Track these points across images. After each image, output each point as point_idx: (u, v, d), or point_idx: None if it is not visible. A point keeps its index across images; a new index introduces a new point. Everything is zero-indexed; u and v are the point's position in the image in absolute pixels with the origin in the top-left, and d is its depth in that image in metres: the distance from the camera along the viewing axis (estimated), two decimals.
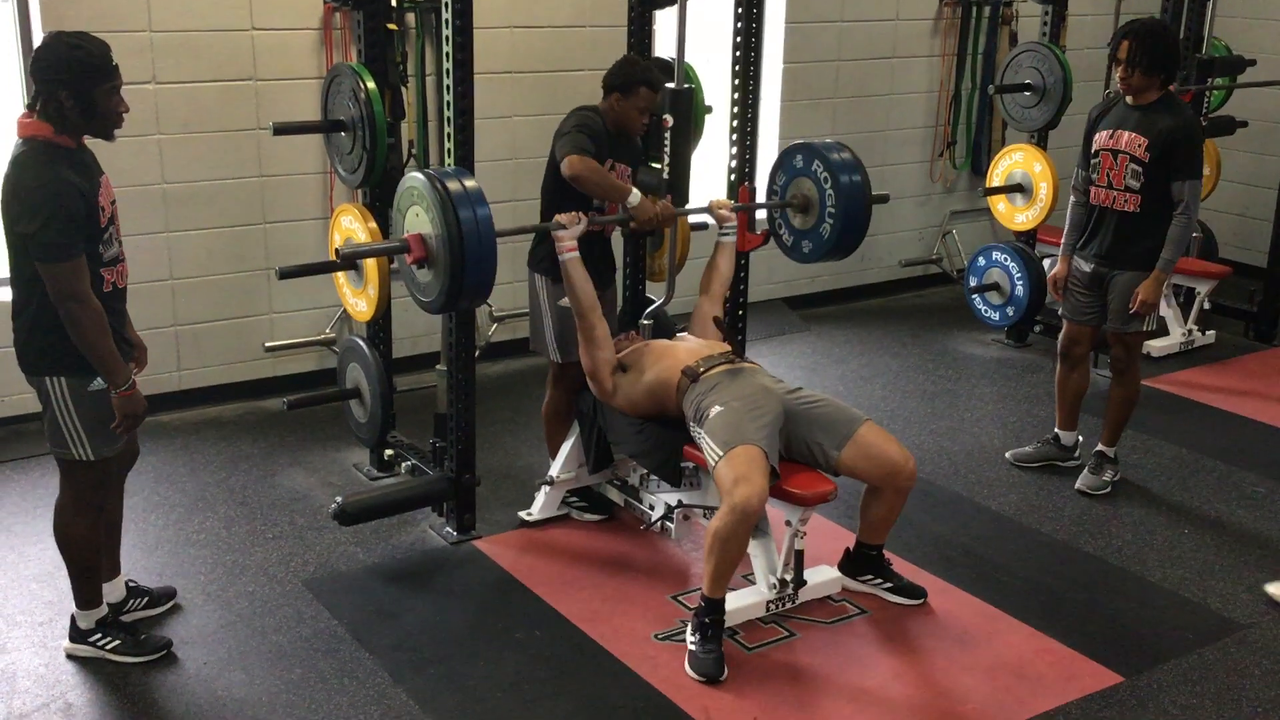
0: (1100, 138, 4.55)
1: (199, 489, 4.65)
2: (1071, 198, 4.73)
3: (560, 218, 3.94)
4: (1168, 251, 4.43)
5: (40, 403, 3.37)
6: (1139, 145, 4.41)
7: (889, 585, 3.96)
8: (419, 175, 3.60)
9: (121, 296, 3.41)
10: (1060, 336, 4.88)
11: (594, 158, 4.01)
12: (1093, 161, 4.58)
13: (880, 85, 7.02)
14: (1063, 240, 4.78)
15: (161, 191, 5.09)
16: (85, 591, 3.52)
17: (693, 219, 4.98)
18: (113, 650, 3.52)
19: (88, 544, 3.46)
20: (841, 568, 4.00)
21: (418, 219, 3.60)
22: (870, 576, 3.97)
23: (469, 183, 3.57)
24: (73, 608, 3.56)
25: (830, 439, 3.75)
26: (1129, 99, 4.48)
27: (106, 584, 3.63)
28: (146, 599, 3.78)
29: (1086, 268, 4.64)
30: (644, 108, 4.15)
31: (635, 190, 4.03)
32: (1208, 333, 6.48)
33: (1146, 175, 4.42)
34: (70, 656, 3.54)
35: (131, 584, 3.78)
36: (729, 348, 4.06)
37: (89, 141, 3.30)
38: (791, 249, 4.60)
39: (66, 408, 3.30)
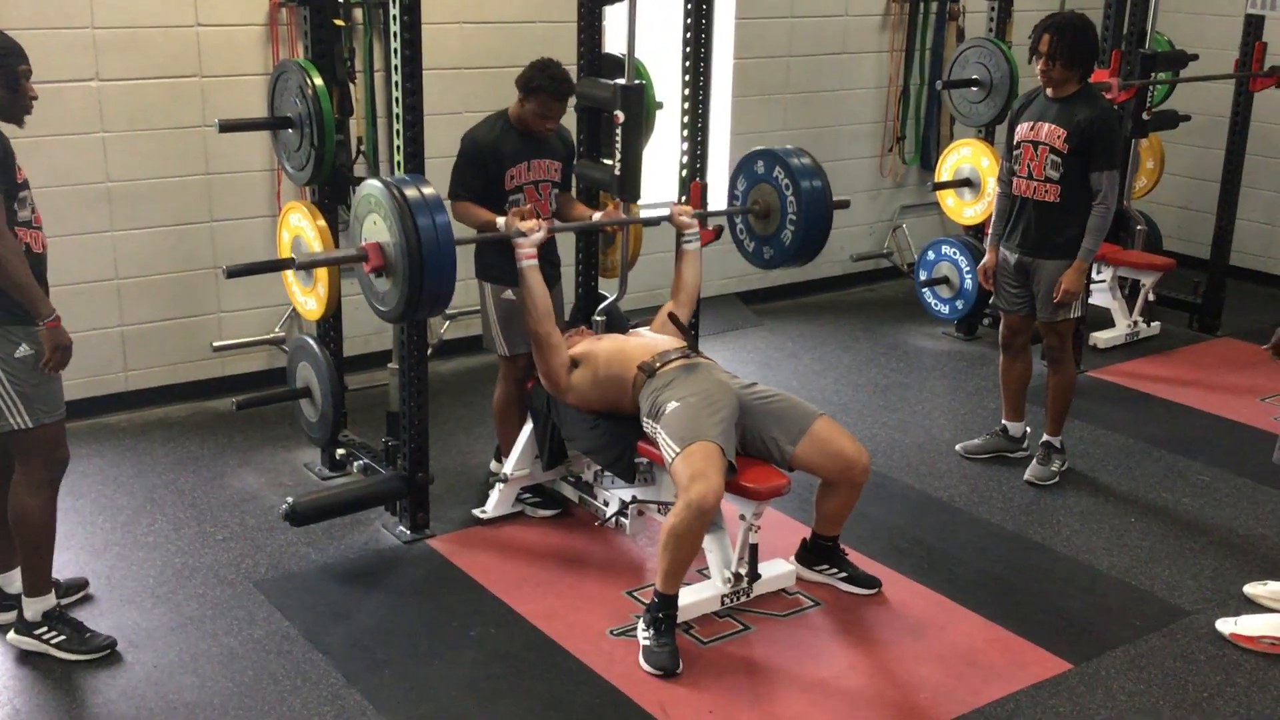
0: (1021, 129, 4.62)
1: (147, 491, 4.59)
2: (997, 189, 4.81)
3: (521, 224, 3.93)
4: (1088, 241, 4.51)
5: None
6: (1058, 136, 4.48)
7: (844, 575, 3.99)
8: (377, 182, 3.56)
9: (43, 263, 3.40)
10: (1000, 328, 4.95)
11: (470, 192, 4.15)
12: (1014, 153, 4.65)
13: (830, 81, 7.06)
14: (990, 230, 4.86)
15: (106, 190, 5.01)
16: (35, 576, 3.51)
17: (645, 214, 4.99)
18: (57, 645, 3.50)
19: (41, 522, 3.46)
20: (798, 558, 4.03)
21: (375, 226, 3.57)
22: (826, 566, 4.00)
23: (427, 190, 3.54)
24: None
25: (785, 434, 3.77)
26: (1049, 91, 4.55)
27: (4, 574, 3.64)
28: (61, 589, 3.75)
29: (1012, 258, 4.71)
30: (543, 114, 4.17)
31: (499, 218, 4.06)
32: (1153, 324, 6.58)
33: (1065, 166, 4.49)
34: (15, 647, 3.51)
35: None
36: (684, 343, 4.07)
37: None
38: (753, 255, 4.61)
39: None
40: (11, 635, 3.54)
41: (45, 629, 3.51)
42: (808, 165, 4.40)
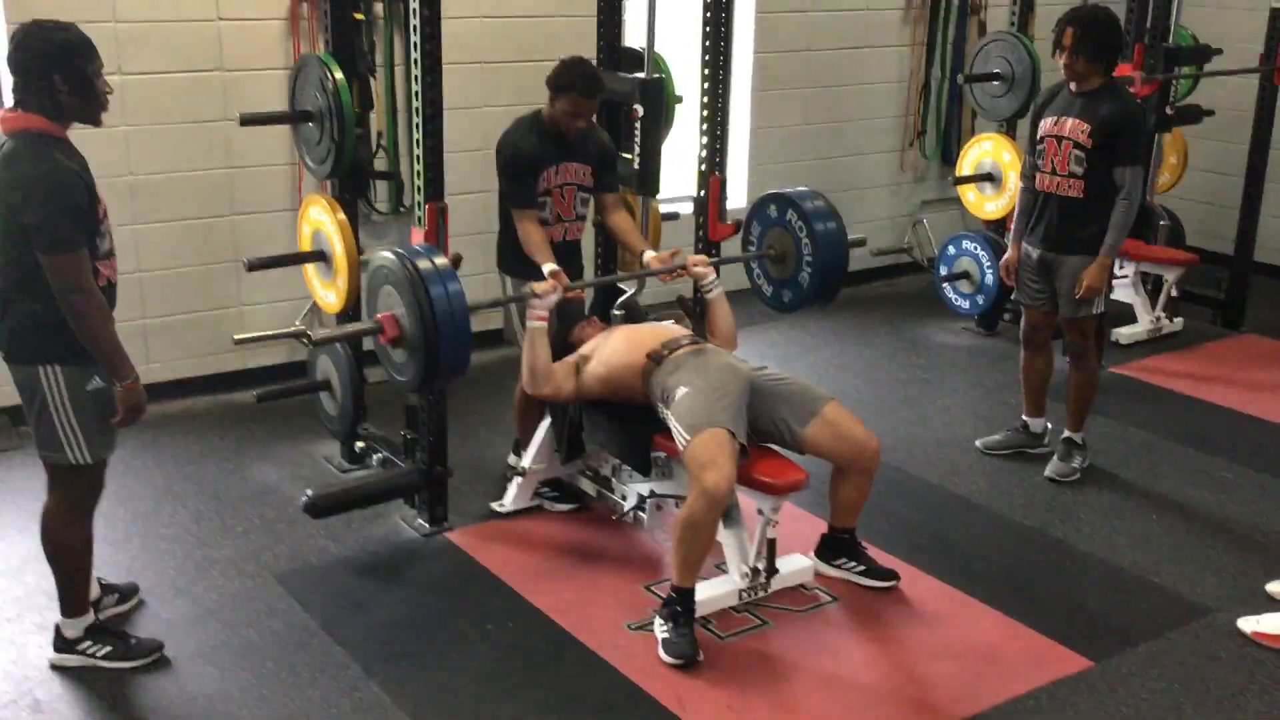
0: (1045, 124, 4.59)
1: (167, 483, 4.61)
2: (1020, 184, 4.77)
3: (535, 286, 3.91)
4: (1110, 236, 4.48)
5: (28, 403, 3.24)
6: (1082, 131, 4.44)
7: (862, 569, 3.97)
8: (389, 254, 3.57)
9: (113, 294, 3.30)
10: (1021, 324, 4.92)
11: (527, 201, 4.10)
12: (1038, 148, 4.62)
13: (850, 75, 7.03)
14: (1013, 226, 4.83)
15: (128, 183, 5.04)
16: (73, 598, 3.43)
17: (664, 209, 4.99)
18: (105, 657, 3.43)
19: (80, 551, 3.39)
20: (816, 554, 4.02)
21: (390, 297, 3.57)
22: (844, 560, 3.99)
23: (440, 261, 3.55)
24: (54, 614, 3.46)
25: (796, 416, 3.76)
26: (1073, 86, 4.51)
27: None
28: (117, 596, 3.73)
29: (1034, 254, 4.68)
30: (572, 112, 4.10)
31: (549, 264, 4.01)
32: (1176, 320, 6.53)
33: (1089, 161, 4.45)
34: (56, 668, 3.44)
35: (102, 581, 3.72)
36: (690, 332, 4.07)
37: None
38: (772, 299, 4.58)
39: (63, 405, 3.19)
40: (53, 656, 3.45)
41: (89, 643, 3.43)
42: (821, 208, 4.36)
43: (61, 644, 3.45)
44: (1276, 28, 6.25)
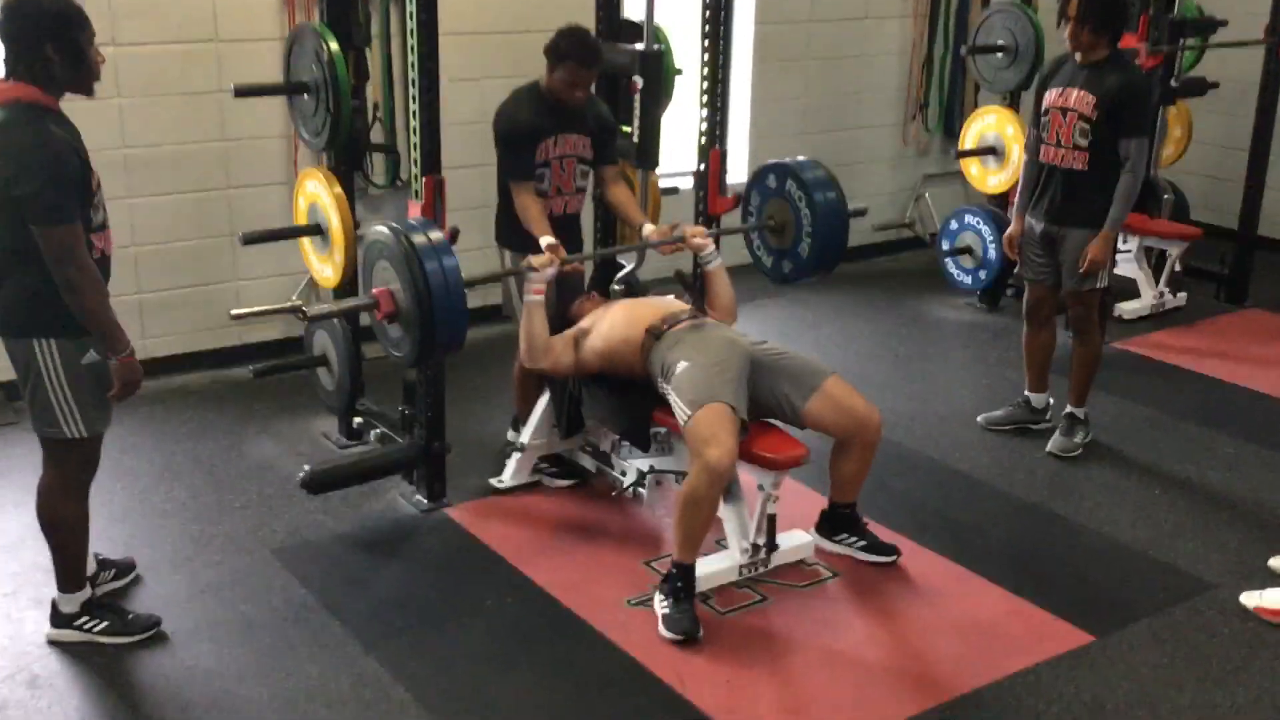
0: (1050, 96, 4.54)
1: (165, 458, 4.59)
2: (1024, 157, 4.73)
3: (532, 260, 3.88)
4: (1115, 210, 4.44)
5: (23, 377, 3.20)
6: (1087, 103, 4.40)
7: (863, 544, 3.96)
8: (384, 228, 3.54)
9: (107, 266, 3.26)
10: (1024, 298, 4.89)
11: (524, 174, 4.07)
12: (1043, 120, 4.57)
13: (852, 47, 6.97)
14: (1016, 199, 4.79)
15: (123, 156, 4.99)
16: (70, 574, 3.40)
17: (663, 184, 4.94)
18: (102, 632, 3.41)
19: (77, 526, 3.37)
20: (817, 529, 4.00)
21: (386, 272, 3.54)
22: (845, 535, 3.97)
23: (435, 235, 3.52)
24: (50, 589, 3.44)
25: (797, 390, 3.74)
26: (1078, 57, 4.47)
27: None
28: (114, 571, 3.71)
29: (1038, 227, 4.64)
30: (570, 82, 4.06)
31: (547, 237, 3.98)
32: (1179, 295, 6.49)
33: (1094, 133, 4.41)
34: (53, 643, 3.42)
35: (99, 556, 3.70)
36: (690, 306, 4.04)
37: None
38: (772, 270, 4.56)
39: (58, 378, 3.15)
40: (50, 631, 3.43)
41: (86, 618, 3.41)
42: (820, 177, 4.34)
43: (58, 619, 3.43)
44: None
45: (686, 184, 4.81)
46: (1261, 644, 3.58)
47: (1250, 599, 3.74)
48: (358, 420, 4.67)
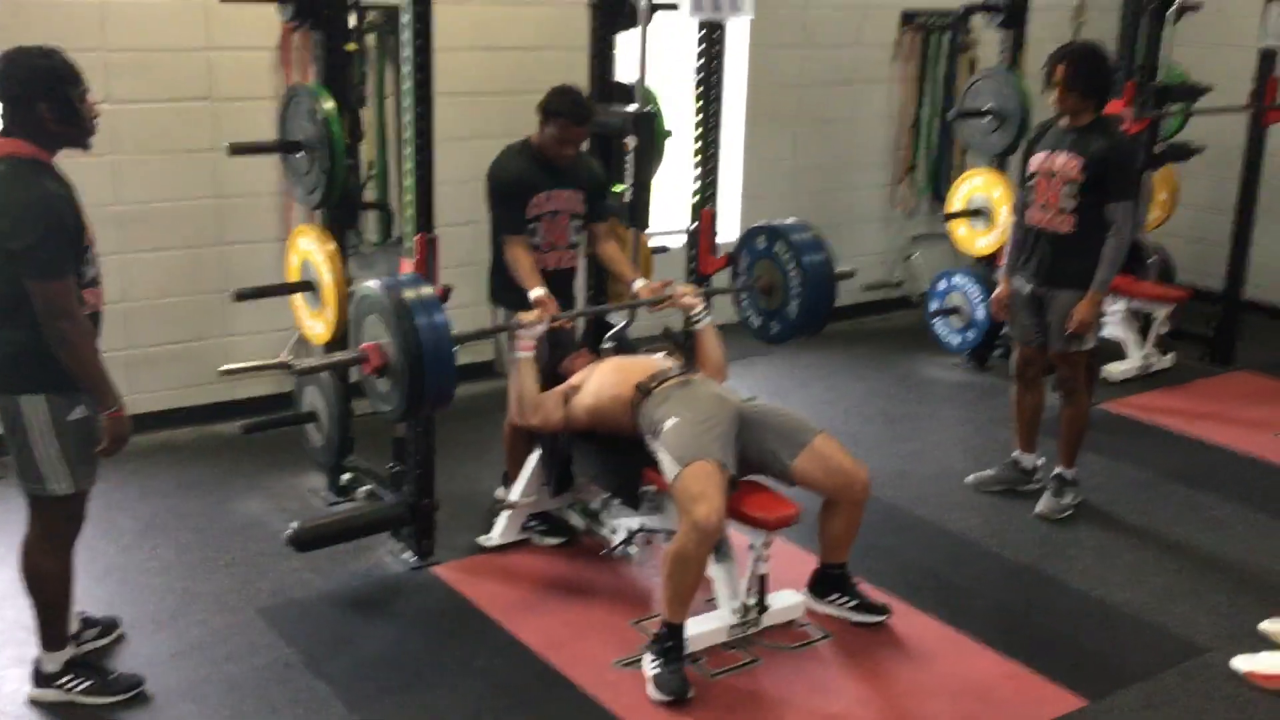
0: (1036, 159, 4.60)
1: (150, 514, 4.56)
2: (1012, 218, 4.77)
3: (521, 316, 3.91)
4: (1101, 272, 4.47)
5: (9, 432, 3.17)
6: (1074, 167, 4.45)
7: (854, 603, 3.93)
8: (373, 284, 3.57)
9: (98, 322, 3.26)
10: (1012, 359, 4.91)
11: (516, 228, 4.12)
12: (1029, 183, 4.62)
13: (842, 110, 7.05)
14: (1004, 261, 4.82)
15: (116, 213, 5.00)
16: (53, 632, 3.36)
17: (653, 243, 4.97)
18: (83, 692, 3.36)
19: (61, 582, 3.33)
20: (809, 590, 3.98)
21: (375, 326, 3.56)
22: (836, 595, 3.95)
23: (424, 290, 3.54)
24: (32, 648, 3.39)
25: (785, 447, 3.73)
26: (1064, 121, 4.52)
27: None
28: (98, 629, 3.67)
29: (1026, 288, 4.67)
30: (561, 138, 4.12)
31: (537, 289, 4.03)
32: (1166, 356, 6.53)
33: (1081, 197, 4.46)
34: (35, 703, 3.37)
35: (83, 614, 3.65)
36: (680, 362, 4.05)
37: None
38: (760, 330, 4.60)
39: (46, 435, 3.14)
40: (32, 691, 3.38)
41: (67, 678, 3.37)
42: (809, 240, 4.38)
43: (40, 679, 3.38)
44: (1265, 67, 6.30)
45: (676, 243, 4.83)
46: (1254, 709, 3.56)
47: (1243, 663, 3.72)
48: (346, 477, 4.64)
